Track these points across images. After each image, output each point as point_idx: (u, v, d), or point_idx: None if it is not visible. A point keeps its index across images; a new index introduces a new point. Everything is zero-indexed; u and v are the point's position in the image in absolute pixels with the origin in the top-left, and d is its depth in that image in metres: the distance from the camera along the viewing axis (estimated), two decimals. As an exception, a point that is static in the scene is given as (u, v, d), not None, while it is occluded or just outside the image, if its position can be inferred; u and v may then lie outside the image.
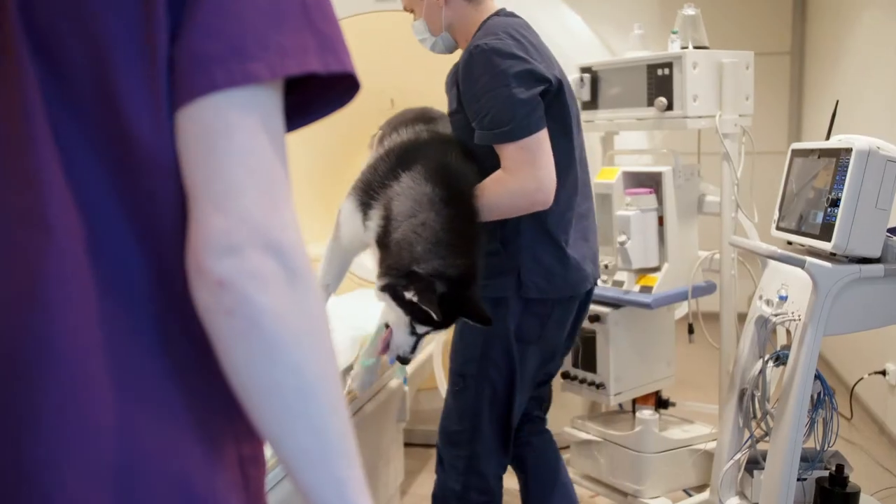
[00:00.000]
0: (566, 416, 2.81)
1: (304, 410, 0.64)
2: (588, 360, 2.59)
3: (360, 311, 2.73)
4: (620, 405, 2.78)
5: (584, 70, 2.64)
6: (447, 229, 1.65)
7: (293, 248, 0.65)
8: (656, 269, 2.47)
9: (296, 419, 0.65)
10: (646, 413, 2.51)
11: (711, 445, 2.47)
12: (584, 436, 2.66)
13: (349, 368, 2.26)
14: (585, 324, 2.54)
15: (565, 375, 2.67)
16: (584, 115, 2.67)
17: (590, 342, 2.57)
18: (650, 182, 2.51)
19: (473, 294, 1.68)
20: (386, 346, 1.75)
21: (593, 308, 2.53)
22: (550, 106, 1.78)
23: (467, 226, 1.70)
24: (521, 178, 1.72)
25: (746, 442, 2.16)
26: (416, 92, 3.52)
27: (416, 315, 1.66)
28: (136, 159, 0.66)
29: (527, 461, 2.16)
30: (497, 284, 1.86)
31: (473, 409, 1.96)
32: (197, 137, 0.65)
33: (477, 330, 1.81)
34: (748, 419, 2.17)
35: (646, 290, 2.43)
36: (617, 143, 2.85)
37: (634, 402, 2.68)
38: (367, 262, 3.60)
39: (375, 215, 1.73)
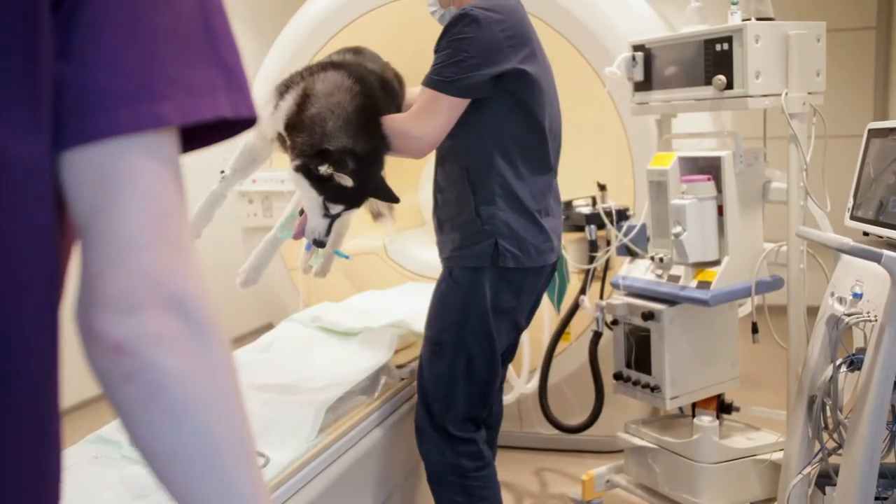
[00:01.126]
0: (621, 419, 2.63)
1: (212, 473, 0.59)
2: (642, 360, 2.40)
3: (407, 305, 2.62)
4: (681, 409, 2.59)
5: (637, 48, 2.45)
6: (359, 112, 1.78)
7: (197, 299, 0.59)
8: (716, 263, 2.27)
9: (204, 483, 0.59)
10: (704, 419, 2.32)
11: (778, 456, 2.26)
12: (637, 442, 2.48)
13: (381, 369, 2.15)
14: (639, 321, 2.37)
15: (618, 377, 2.49)
16: (638, 97, 2.48)
17: (644, 341, 2.39)
18: (709, 168, 2.30)
19: (379, 174, 1.85)
20: (301, 232, 1.88)
21: (647, 305, 2.35)
22: (511, 82, 1.88)
23: (375, 118, 1.83)
24: (415, 121, 1.85)
25: (817, 455, 1.96)
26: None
27: (329, 193, 1.76)
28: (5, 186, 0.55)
29: None
30: (474, 253, 1.93)
31: (448, 376, 1.99)
32: (94, 183, 0.57)
33: (456, 297, 1.95)
34: (818, 429, 1.96)
35: (703, 285, 2.23)
36: (676, 127, 2.64)
37: (695, 406, 2.48)
38: (420, 255, 3.53)
39: (291, 95, 1.82)
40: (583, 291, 2.62)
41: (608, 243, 2.62)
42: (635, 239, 2.49)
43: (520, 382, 2.79)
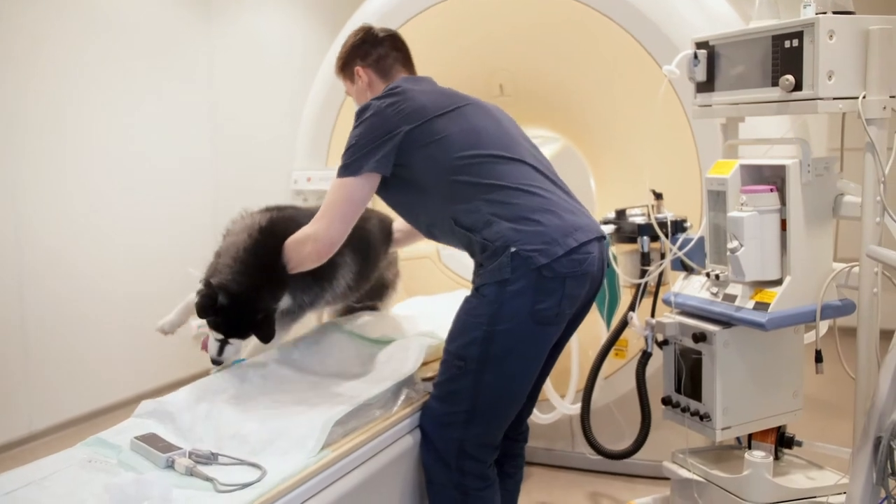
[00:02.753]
0: (678, 444, 2.42)
1: None
2: (693, 385, 2.21)
3: (449, 314, 2.49)
4: (738, 439, 2.37)
5: (700, 45, 2.25)
6: (249, 252, 1.94)
7: None
8: (776, 283, 2.05)
9: None
10: (757, 455, 2.10)
11: (839, 501, 2.03)
12: (684, 473, 2.28)
13: (404, 382, 2.03)
14: (690, 343, 2.17)
15: (666, 401, 2.30)
16: (700, 99, 2.28)
17: (695, 365, 2.19)
18: (774, 178, 2.09)
19: (256, 313, 1.93)
20: (204, 347, 2.03)
21: (699, 325, 2.15)
22: (417, 140, 1.92)
23: (267, 256, 1.94)
24: (312, 225, 1.94)
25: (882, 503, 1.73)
26: (530, 76, 3.24)
27: (208, 321, 1.95)
28: None
29: None
30: (495, 268, 1.85)
31: (472, 393, 1.89)
32: None
33: (483, 310, 1.85)
34: (884, 475, 1.74)
35: (761, 307, 2.02)
36: (746, 133, 2.42)
37: (751, 437, 2.26)
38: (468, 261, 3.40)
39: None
40: (632, 307, 2.43)
41: (662, 256, 2.42)
42: (691, 253, 2.29)
43: (563, 402, 2.63)
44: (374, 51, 2.13)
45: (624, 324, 2.48)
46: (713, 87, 2.24)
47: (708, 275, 2.20)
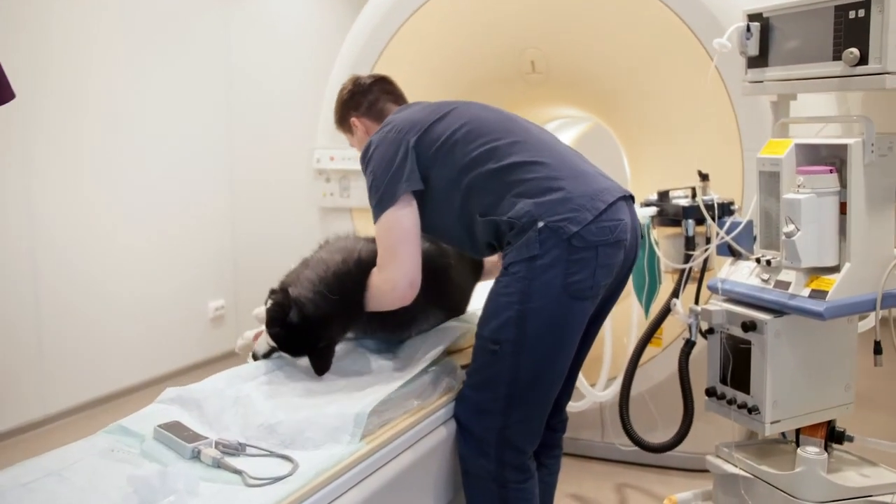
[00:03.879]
0: (714, 436, 2.32)
1: None
2: (740, 376, 2.10)
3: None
4: (784, 433, 2.26)
5: (752, 17, 2.12)
6: (338, 277, 1.85)
7: None
8: (833, 270, 1.94)
9: None
10: (810, 450, 1.99)
11: (899, 500, 1.92)
12: (730, 469, 2.17)
13: (443, 369, 1.93)
14: (739, 332, 2.07)
15: (710, 393, 2.19)
16: (751, 75, 2.15)
17: (743, 355, 2.08)
18: (832, 158, 1.97)
19: (319, 340, 1.84)
20: (255, 339, 1.97)
21: (749, 314, 2.04)
22: (420, 152, 1.89)
23: (352, 290, 1.86)
24: (379, 273, 1.86)
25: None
26: (564, 52, 3.12)
27: (271, 325, 1.84)
28: None
29: None
30: (522, 244, 1.76)
31: (510, 377, 1.80)
32: None
33: (515, 288, 1.77)
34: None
35: (818, 294, 1.91)
36: (794, 111, 2.29)
37: (799, 432, 2.16)
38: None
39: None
40: (675, 294, 2.32)
41: (707, 241, 2.31)
42: (739, 237, 2.17)
43: (594, 390, 2.53)
44: (365, 99, 2.15)
45: (666, 311, 2.36)
46: (766, 61, 2.11)
47: (758, 260, 2.09)
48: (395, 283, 1.83)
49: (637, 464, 3.05)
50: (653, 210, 2.37)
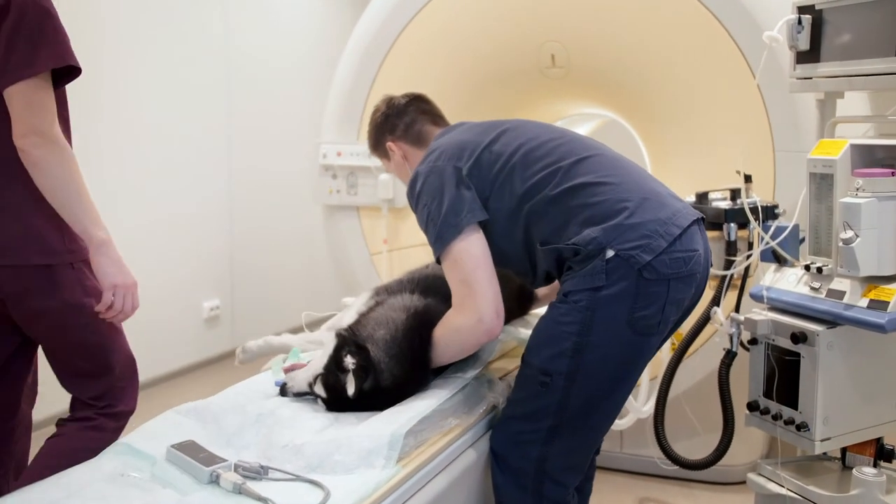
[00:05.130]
0: (739, 448, 2.21)
1: None
2: (787, 390, 1.98)
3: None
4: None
5: (804, 9, 2.00)
6: (406, 337, 1.67)
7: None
8: (893, 279, 1.82)
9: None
10: (867, 471, 1.88)
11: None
12: (774, 488, 2.05)
13: (480, 383, 1.80)
14: (786, 343, 1.94)
15: (753, 407, 2.07)
16: (800, 70, 2.03)
17: (791, 367, 1.96)
18: (889, 159, 1.85)
19: (383, 406, 1.63)
20: (287, 372, 1.75)
21: (798, 324, 1.92)
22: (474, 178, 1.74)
23: (418, 353, 1.68)
24: (456, 312, 1.68)
25: None
26: (585, 45, 2.98)
27: (329, 378, 1.63)
28: None
29: None
30: (587, 273, 1.60)
31: (557, 410, 1.65)
32: None
33: (574, 318, 1.61)
34: None
35: (878, 305, 1.79)
36: (840, 109, 2.18)
37: (846, 449, 2.04)
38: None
39: (372, 300, 1.88)
40: (716, 302, 2.20)
41: (750, 246, 2.18)
42: (784, 243, 2.05)
43: (636, 404, 2.40)
44: (401, 121, 1.99)
45: (705, 320, 2.24)
46: (818, 56, 1.99)
47: (807, 267, 1.97)
48: (480, 314, 1.64)
49: (658, 476, 2.93)
50: (691, 213, 2.24)
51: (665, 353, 2.51)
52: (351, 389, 1.59)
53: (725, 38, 2.69)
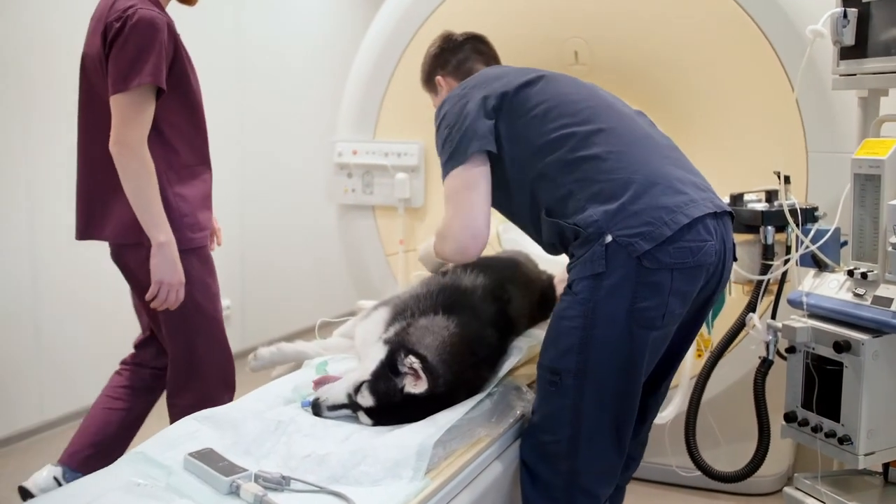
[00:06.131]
0: (771, 464, 2.12)
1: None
2: (828, 402, 1.89)
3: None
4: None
5: (849, 2, 1.91)
6: (454, 343, 1.60)
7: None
8: (944, 286, 1.73)
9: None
10: (916, 489, 1.79)
11: None
12: (812, 503, 1.96)
13: (508, 391, 1.72)
14: (827, 352, 1.86)
15: (790, 418, 1.98)
16: (844, 66, 1.95)
17: (832, 377, 1.88)
18: (940, 160, 1.77)
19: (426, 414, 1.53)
20: (318, 385, 1.63)
21: (841, 332, 1.83)
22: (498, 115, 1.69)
23: (468, 359, 1.62)
24: (445, 222, 1.70)
25: None
26: (611, 43, 2.89)
27: (378, 385, 1.53)
28: None
29: None
30: (587, 259, 1.54)
31: (573, 412, 1.58)
32: None
33: (576, 311, 1.55)
34: None
35: (928, 314, 1.70)
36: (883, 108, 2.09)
37: (888, 464, 1.95)
38: (537, 247, 3.08)
39: (389, 315, 1.77)
40: (752, 308, 2.11)
41: (787, 250, 2.09)
42: (824, 247, 1.97)
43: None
44: (454, 57, 2.01)
45: (739, 326, 2.15)
46: (863, 52, 1.91)
47: (850, 273, 1.88)
48: (456, 232, 1.67)
49: (678, 485, 2.84)
50: (726, 215, 2.15)
51: (689, 360, 2.43)
52: (424, 386, 1.51)
53: (757, 35, 2.60)
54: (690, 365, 2.39)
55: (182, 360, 2.18)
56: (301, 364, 1.90)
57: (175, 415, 2.14)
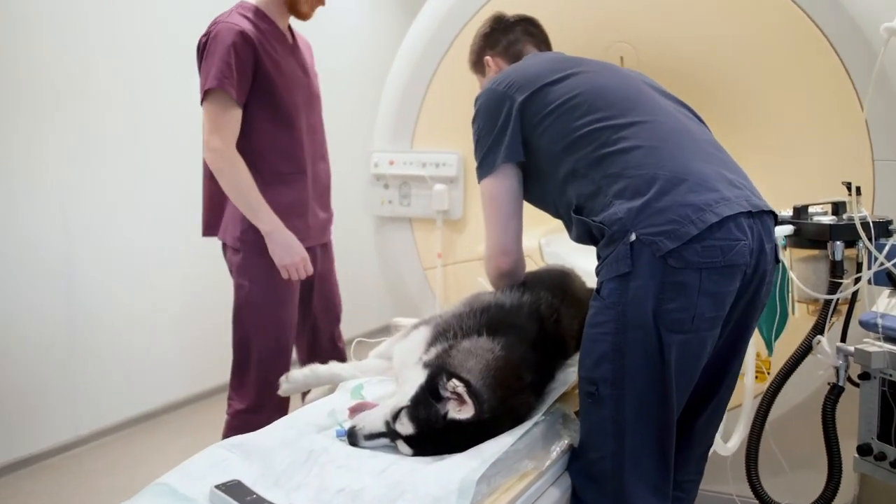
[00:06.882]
0: (807, 482, 1.97)
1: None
2: (905, 433, 1.73)
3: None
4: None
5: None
6: (499, 367, 1.47)
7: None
8: None
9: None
10: None
11: None
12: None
13: (559, 416, 1.59)
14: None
15: (864, 451, 1.82)
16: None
17: (910, 407, 1.72)
18: None
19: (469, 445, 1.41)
20: (354, 413, 1.52)
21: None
22: (527, 115, 1.66)
23: (514, 384, 1.50)
24: (486, 244, 1.75)
25: None
26: (658, 47, 2.75)
27: (419, 411, 1.41)
28: None
29: None
30: (613, 259, 1.47)
31: (614, 425, 1.49)
32: None
33: (605, 317, 1.48)
34: None
35: None
36: None
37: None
38: (578, 260, 2.95)
39: (431, 335, 1.66)
40: (819, 330, 1.96)
41: (858, 267, 1.94)
42: (899, 263, 1.81)
43: (717, 439, 2.17)
44: (504, 38, 1.98)
45: (806, 349, 2.00)
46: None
47: (930, 293, 1.73)
48: (487, 250, 1.74)
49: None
50: (789, 229, 2.00)
51: (749, 381, 2.28)
52: (470, 412, 1.39)
53: (818, 37, 2.45)
54: (752, 387, 2.24)
55: (235, 357, 2.32)
56: (336, 387, 1.80)
57: (228, 415, 2.32)
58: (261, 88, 2.20)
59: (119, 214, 3.64)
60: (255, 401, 2.28)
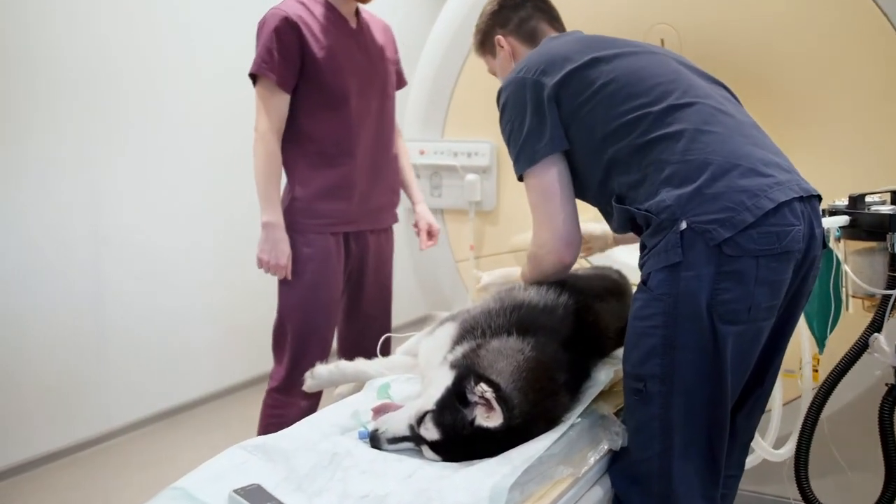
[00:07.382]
0: (865, 486, 1.86)
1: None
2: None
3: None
4: None
5: None
6: (532, 368, 1.40)
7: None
8: None
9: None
10: None
11: None
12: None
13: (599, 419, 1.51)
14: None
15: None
16: None
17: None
18: None
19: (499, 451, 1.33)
20: (378, 414, 1.45)
21: None
22: (563, 98, 1.58)
23: (547, 387, 1.42)
24: (533, 242, 1.66)
25: None
26: (701, 31, 2.63)
27: (444, 416, 1.33)
28: None
29: None
30: (662, 249, 1.40)
31: (662, 424, 1.42)
32: None
33: (653, 310, 1.40)
34: None
35: None
36: None
37: None
38: (621, 255, 2.85)
39: (456, 333, 1.58)
40: (877, 328, 1.84)
41: (919, 260, 1.82)
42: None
43: (763, 443, 2.06)
44: (515, 15, 1.87)
45: (862, 347, 1.88)
46: None
47: None
48: (547, 244, 1.61)
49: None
50: (844, 219, 1.89)
51: (808, 374, 2.16)
52: (498, 420, 1.31)
53: (881, 22, 2.32)
54: (810, 382, 2.13)
55: (272, 337, 2.37)
56: (362, 385, 1.73)
57: (265, 393, 2.38)
58: (308, 72, 2.23)
59: (148, 211, 3.63)
60: (284, 381, 2.32)
